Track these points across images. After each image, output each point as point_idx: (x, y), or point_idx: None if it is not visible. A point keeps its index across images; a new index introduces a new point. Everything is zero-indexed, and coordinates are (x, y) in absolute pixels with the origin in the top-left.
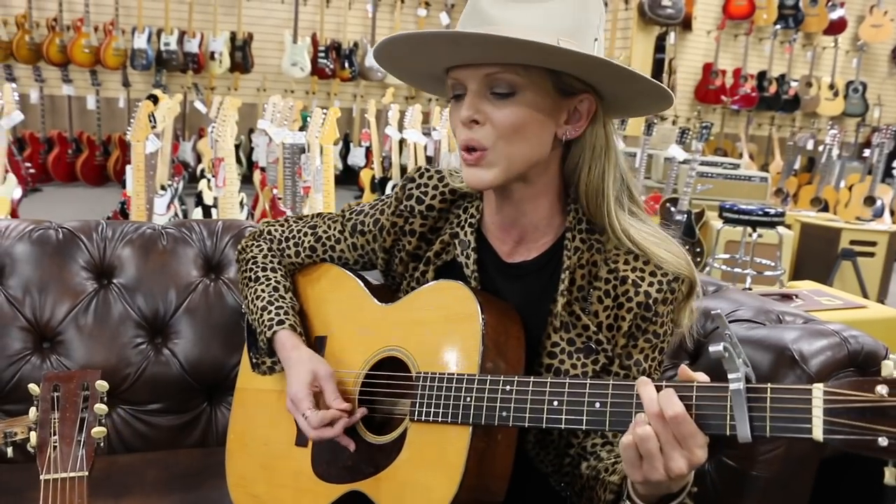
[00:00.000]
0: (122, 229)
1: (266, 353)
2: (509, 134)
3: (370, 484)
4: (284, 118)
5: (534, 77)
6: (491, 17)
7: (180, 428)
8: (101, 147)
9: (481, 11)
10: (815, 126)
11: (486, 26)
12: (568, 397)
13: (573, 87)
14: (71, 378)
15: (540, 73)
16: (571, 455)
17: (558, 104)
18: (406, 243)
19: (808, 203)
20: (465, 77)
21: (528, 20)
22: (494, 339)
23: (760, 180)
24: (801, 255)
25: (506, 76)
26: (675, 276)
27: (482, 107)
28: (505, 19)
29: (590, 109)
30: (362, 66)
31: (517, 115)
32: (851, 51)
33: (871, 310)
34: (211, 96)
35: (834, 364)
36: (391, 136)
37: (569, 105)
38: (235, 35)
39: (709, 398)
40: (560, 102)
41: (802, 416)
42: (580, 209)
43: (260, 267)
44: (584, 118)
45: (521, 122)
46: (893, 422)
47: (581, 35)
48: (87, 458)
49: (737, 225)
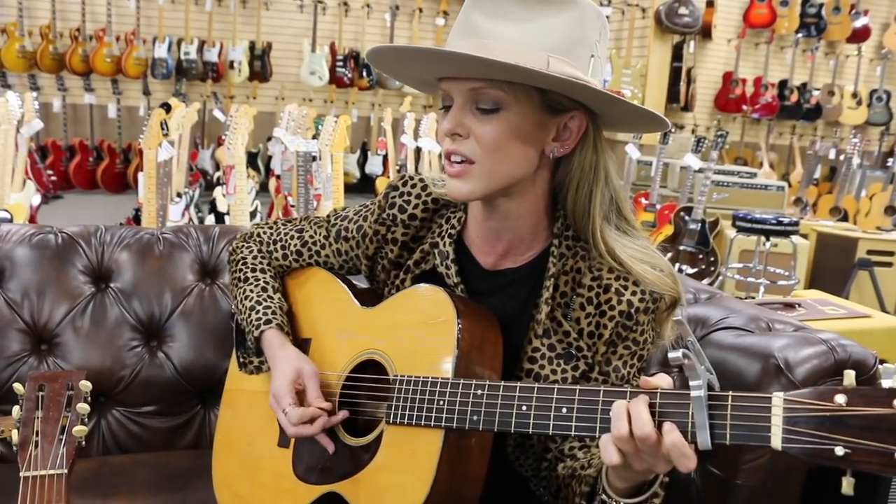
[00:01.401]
0: (119, 234)
1: (254, 352)
2: (492, 149)
3: (346, 485)
4: (298, 126)
5: (519, 94)
6: (481, 31)
7: (174, 430)
8: (121, 155)
9: (473, 24)
10: (838, 135)
11: (476, 39)
12: (536, 402)
13: (562, 104)
14: (56, 378)
15: (526, 89)
16: (549, 459)
17: (546, 121)
18: (388, 251)
19: (828, 213)
20: (451, 89)
21: (519, 36)
22: (470, 343)
23: (777, 189)
24: (817, 265)
25: (490, 92)
26: (654, 288)
27: (465, 121)
28: (495, 34)
29: (580, 127)
30: (380, 75)
31: (501, 132)
32: (875, 59)
33: (874, 319)
34: (230, 105)
35: (821, 372)
36: (407, 144)
37: (558, 122)
38: (255, 44)
39: (671, 405)
40: (548, 119)
41: (762, 425)
42: (567, 216)
43: (249, 268)
44: (574, 136)
45: (504, 139)
46: (851, 431)
47: (575, 53)
48: (67, 457)
49: (750, 234)
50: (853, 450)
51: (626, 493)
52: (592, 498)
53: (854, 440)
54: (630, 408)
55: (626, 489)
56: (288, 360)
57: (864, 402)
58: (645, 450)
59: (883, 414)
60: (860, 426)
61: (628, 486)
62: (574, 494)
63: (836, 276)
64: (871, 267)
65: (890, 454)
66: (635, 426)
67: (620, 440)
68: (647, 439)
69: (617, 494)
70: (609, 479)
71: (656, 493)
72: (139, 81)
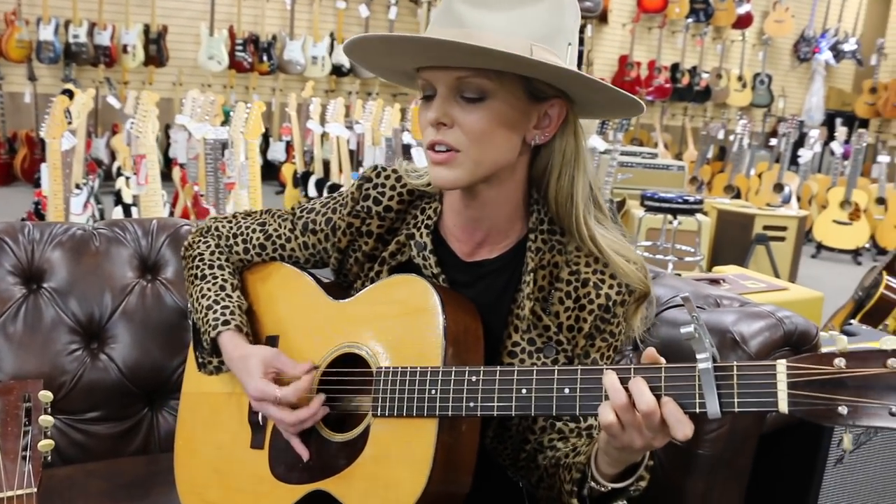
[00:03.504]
0: (50, 231)
1: (210, 352)
2: (478, 138)
3: (334, 482)
4: (206, 113)
5: (505, 82)
6: (464, 20)
7: (120, 436)
8: (6, 144)
9: (455, 13)
10: (725, 116)
11: (458, 28)
12: (537, 385)
13: (544, 92)
14: (10, 390)
15: (511, 78)
16: (527, 450)
17: (528, 109)
18: (363, 244)
19: (722, 191)
20: (434, 79)
21: (502, 25)
22: (455, 332)
23: (678, 169)
24: (717, 241)
25: (476, 80)
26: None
27: (450, 110)
28: (478, 23)
29: (560, 114)
30: (281, 59)
31: (486, 121)
32: (757, 44)
33: (791, 291)
34: (125, 91)
35: (771, 344)
36: (313, 129)
37: (539, 110)
38: (149, 27)
39: (678, 378)
40: (530, 107)
41: (768, 391)
42: (542, 210)
43: (206, 264)
44: (555, 123)
45: (490, 127)
46: (851, 391)
47: (555, 40)
48: (34, 474)
49: (658, 213)
50: (854, 408)
51: (615, 478)
52: (583, 483)
53: (854, 399)
54: (631, 388)
55: (614, 475)
56: (248, 358)
57: (861, 364)
58: (648, 424)
59: (879, 373)
60: (858, 386)
61: (617, 471)
62: (563, 482)
63: (736, 251)
64: (767, 241)
65: (888, 409)
66: (639, 403)
67: (620, 408)
68: (652, 414)
69: (605, 480)
70: (599, 464)
71: (642, 476)
72: (23, 66)
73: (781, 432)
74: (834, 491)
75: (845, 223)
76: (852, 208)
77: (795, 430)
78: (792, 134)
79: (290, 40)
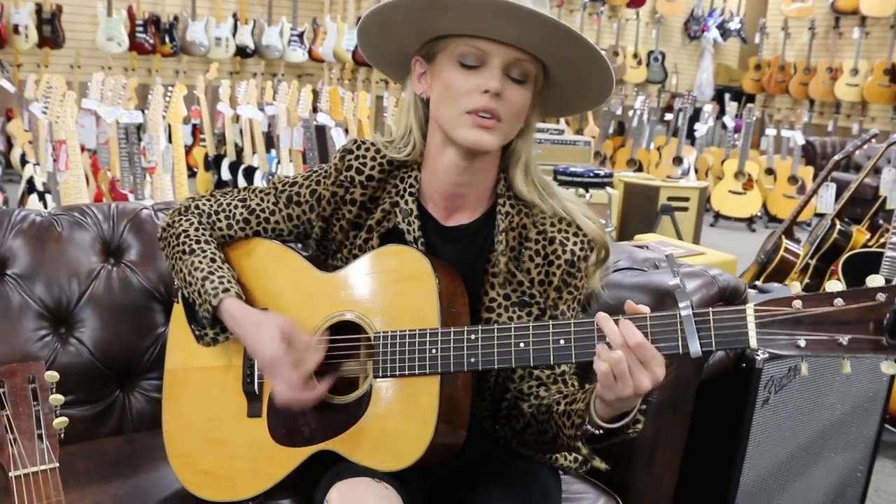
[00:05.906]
0: (9, 218)
1: (209, 323)
2: (517, 114)
3: (340, 441)
4: (117, 97)
5: (537, 70)
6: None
7: (94, 418)
8: None
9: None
10: (623, 93)
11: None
12: (534, 338)
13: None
14: (14, 372)
15: (538, 66)
16: (508, 399)
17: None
18: (346, 212)
19: (625, 164)
20: (492, 51)
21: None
22: (447, 295)
23: (584, 144)
24: (625, 212)
25: (526, 65)
26: (592, 237)
27: (505, 84)
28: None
29: (538, 97)
30: (184, 40)
31: (526, 101)
32: (651, 23)
33: (709, 255)
34: (18, 74)
35: (710, 300)
36: (224, 112)
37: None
38: (41, 7)
39: (661, 325)
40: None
41: (740, 331)
42: (507, 178)
43: (193, 240)
44: (535, 103)
45: (524, 108)
46: (807, 327)
47: None
48: (52, 450)
49: (570, 187)
50: (809, 341)
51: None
52: (583, 427)
53: (809, 333)
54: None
55: (610, 419)
56: (263, 322)
57: (814, 304)
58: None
59: (828, 311)
60: (813, 322)
61: (612, 415)
62: (563, 427)
63: (643, 222)
64: (672, 212)
65: (834, 340)
66: (629, 339)
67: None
68: (642, 345)
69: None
70: (597, 410)
71: (637, 419)
72: None
73: (717, 381)
74: (762, 429)
75: (740, 193)
76: (746, 179)
77: (728, 377)
78: (688, 109)
79: (192, 21)
